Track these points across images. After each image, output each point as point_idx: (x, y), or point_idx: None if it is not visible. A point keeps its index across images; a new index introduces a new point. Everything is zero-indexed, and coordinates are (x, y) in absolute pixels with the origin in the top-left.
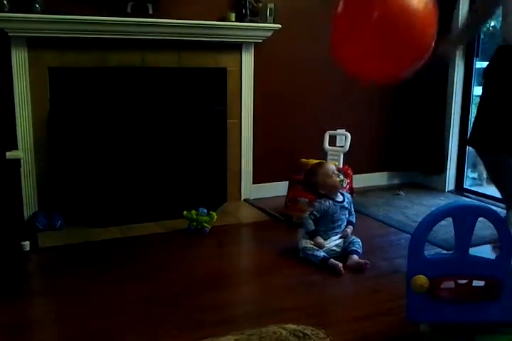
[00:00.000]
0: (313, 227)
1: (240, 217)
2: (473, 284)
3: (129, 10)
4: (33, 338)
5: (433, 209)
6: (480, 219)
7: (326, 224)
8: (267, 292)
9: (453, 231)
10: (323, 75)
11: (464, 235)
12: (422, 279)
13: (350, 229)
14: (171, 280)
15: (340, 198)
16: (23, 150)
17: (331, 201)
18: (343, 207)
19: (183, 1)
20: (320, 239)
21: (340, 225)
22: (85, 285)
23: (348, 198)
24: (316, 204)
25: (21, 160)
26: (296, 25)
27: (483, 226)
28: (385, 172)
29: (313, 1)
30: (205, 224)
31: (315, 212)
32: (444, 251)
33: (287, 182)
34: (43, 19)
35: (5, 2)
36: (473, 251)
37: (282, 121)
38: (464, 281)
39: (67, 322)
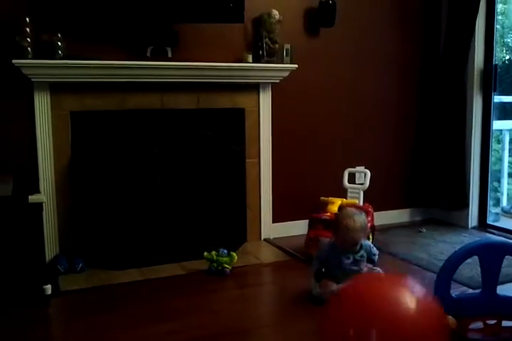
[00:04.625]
0: (317, 267)
1: (260, 257)
2: (503, 324)
3: (148, 54)
4: None
5: (457, 246)
6: (507, 256)
7: (333, 271)
8: (290, 338)
9: (478, 269)
10: (340, 114)
11: (491, 274)
12: (449, 320)
13: (367, 268)
14: (192, 324)
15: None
16: (45, 193)
17: (338, 252)
18: (356, 260)
19: (201, 44)
20: (328, 282)
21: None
22: (107, 330)
23: (366, 248)
24: (319, 251)
25: (43, 204)
26: (313, 65)
27: (509, 264)
28: (406, 209)
29: (329, 41)
30: (226, 265)
31: (317, 257)
32: (470, 290)
33: (307, 220)
34: (65, 65)
35: (29, 49)
36: (501, 289)
37: (301, 159)
38: (493, 322)
39: None
